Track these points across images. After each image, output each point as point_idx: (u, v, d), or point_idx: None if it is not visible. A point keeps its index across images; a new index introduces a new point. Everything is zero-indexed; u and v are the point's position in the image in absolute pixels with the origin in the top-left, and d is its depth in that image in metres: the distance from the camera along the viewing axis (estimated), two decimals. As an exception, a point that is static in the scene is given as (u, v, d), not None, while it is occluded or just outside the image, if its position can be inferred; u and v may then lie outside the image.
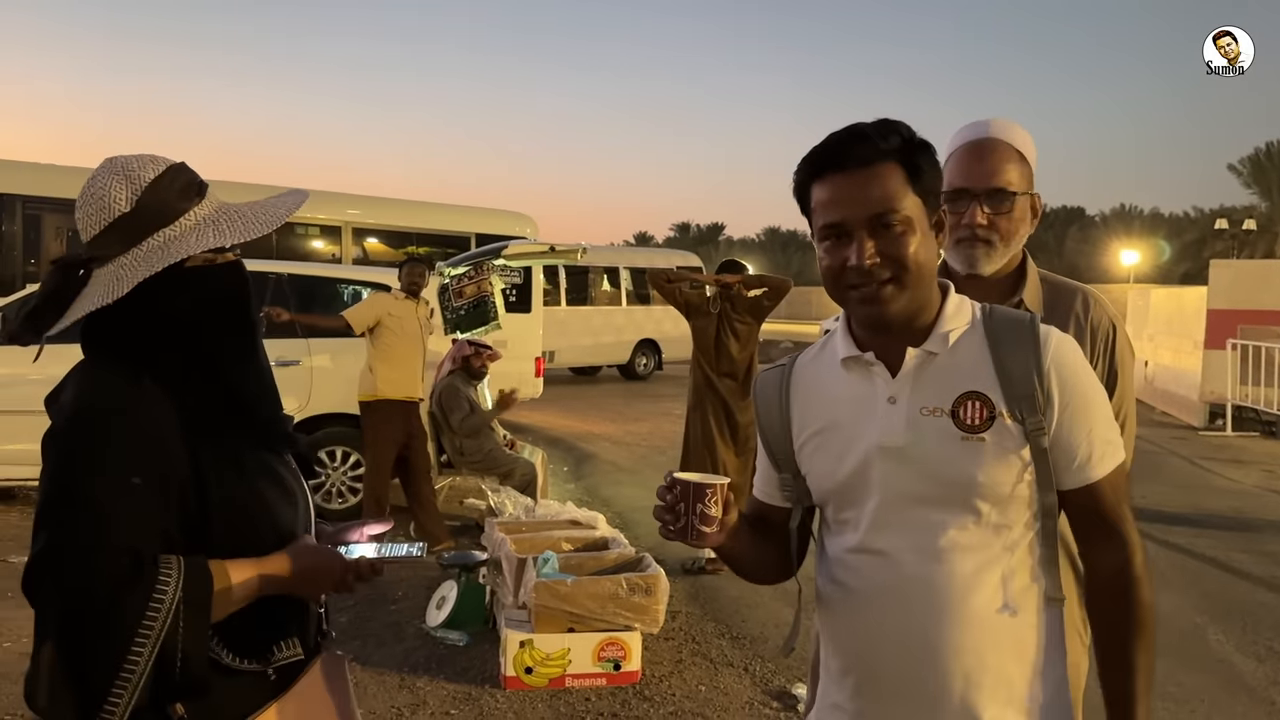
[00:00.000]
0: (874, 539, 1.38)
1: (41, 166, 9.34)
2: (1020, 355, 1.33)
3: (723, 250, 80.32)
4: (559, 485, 8.20)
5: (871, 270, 1.32)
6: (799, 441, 1.48)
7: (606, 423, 12.26)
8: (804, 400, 1.49)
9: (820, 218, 1.36)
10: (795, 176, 1.41)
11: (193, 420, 1.35)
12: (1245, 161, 51.14)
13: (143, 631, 1.21)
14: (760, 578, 1.60)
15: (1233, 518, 7.48)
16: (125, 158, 1.40)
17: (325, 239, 11.33)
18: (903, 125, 1.36)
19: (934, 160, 1.37)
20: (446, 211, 12.54)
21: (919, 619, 1.33)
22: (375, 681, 4.07)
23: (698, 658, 4.42)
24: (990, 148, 1.85)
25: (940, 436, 1.33)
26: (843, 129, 1.37)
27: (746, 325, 5.75)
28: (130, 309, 1.35)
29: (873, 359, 1.39)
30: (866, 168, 1.32)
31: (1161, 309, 14.94)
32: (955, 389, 1.34)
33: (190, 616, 1.25)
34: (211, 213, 1.42)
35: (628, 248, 30.13)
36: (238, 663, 1.38)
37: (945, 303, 1.41)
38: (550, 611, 4.01)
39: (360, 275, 7.86)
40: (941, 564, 1.32)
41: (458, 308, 7.17)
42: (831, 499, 1.45)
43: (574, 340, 16.97)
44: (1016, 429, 1.31)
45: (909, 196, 1.33)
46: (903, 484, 1.35)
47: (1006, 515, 1.33)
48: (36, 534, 1.25)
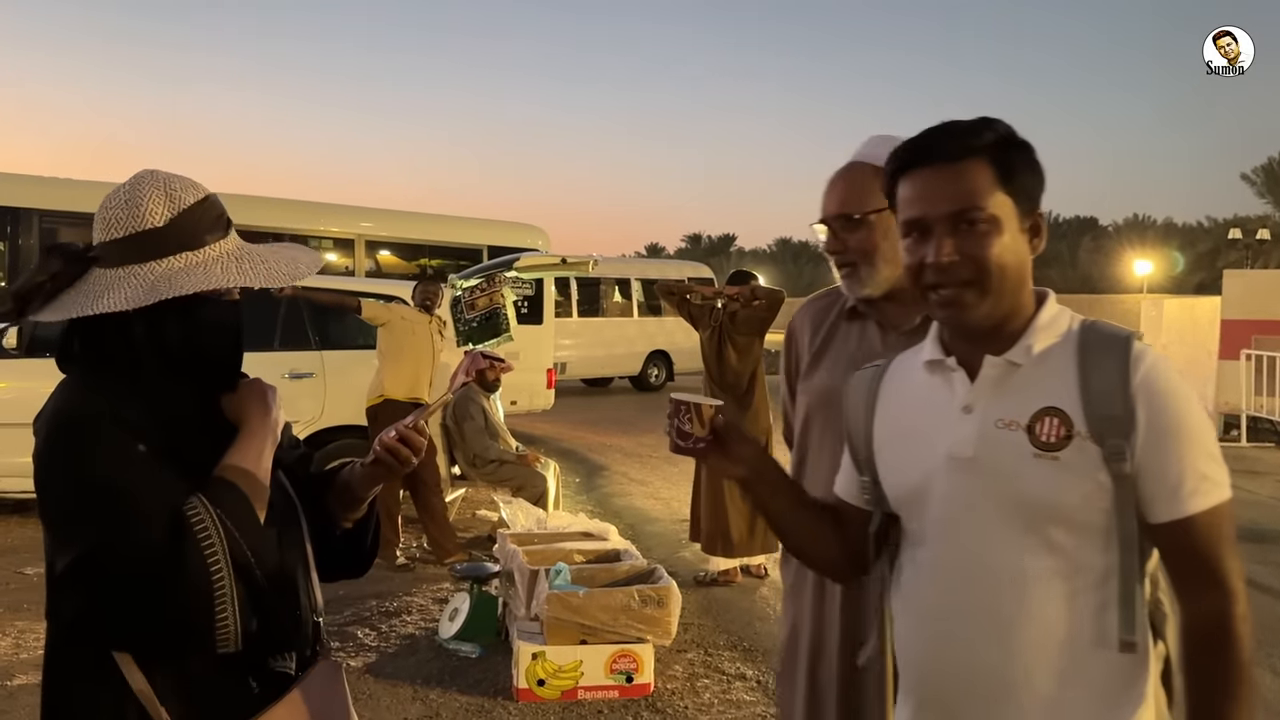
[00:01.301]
0: (939, 555, 1.33)
1: (59, 181, 9.42)
2: (1106, 373, 1.24)
3: (734, 261, 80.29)
4: (571, 497, 8.20)
5: (949, 269, 1.26)
6: (877, 444, 1.44)
7: (618, 434, 12.26)
8: (887, 403, 1.44)
9: (903, 213, 1.33)
10: (884, 169, 1.37)
11: (165, 438, 1.36)
12: (1259, 171, 50.94)
13: (210, 558, 1.27)
14: (812, 559, 1.56)
15: (1249, 529, 7.40)
16: (168, 174, 1.42)
17: (339, 252, 11.39)
18: (1000, 123, 1.30)
19: (1032, 160, 1.31)
20: (459, 224, 12.58)
21: (985, 649, 1.27)
22: (388, 693, 4.08)
23: (710, 670, 4.41)
24: (841, 174, 1.90)
25: (1013, 451, 1.26)
26: (938, 124, 1.33)
27: (746, 337, 5.72)
28: (123, 322, 1.36)
29: (954, 364, 1.34)
30: (953, 164, 1.27)
31: (1175, 319, 14.86)
32: (1034, 403, 1.26)
33: (237, 520, 1.31)
34: (235, 249, 1.44)
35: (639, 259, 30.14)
36: (230, 672, 1.37)
37: (1039, 312, 1.32)
38: (562, 623, 4.01)
39: (374, 288, 7.90)
40: (1010, 590, 1.26)
41: (470, 320, 7.21)
42: (902, 507, 1.40)
43: (586, 352, 16.99)
44: (1095, 451, 1.22)
45: (997, 195, 1.27)
46: (969, 498, 1.29)
47: (1080, 543, 1.25)
48: (63, 548, 1.27)
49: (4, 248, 9.02)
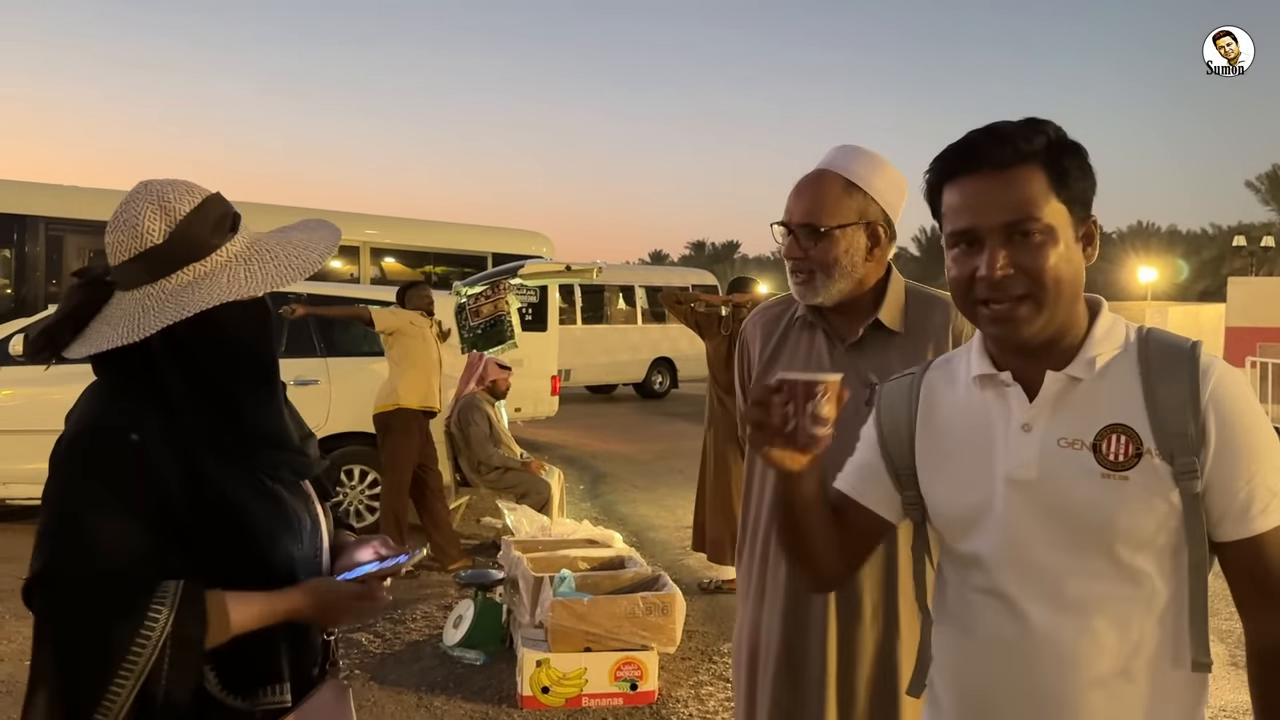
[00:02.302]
0: (998, 580, 1.25)
1: (65, 188, 9.47)
2: (1175, 387, 1.18)
3: (738, 268, 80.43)
4: (575, 504, 8.20)
5: (1003, 283, 1.19)
6: (920, 460, 1.35)
7: (622, 441, 12.26)
8: (929, 416, 1.36)
9: (950, 223, 1.24)
10: (926, 177, 1.29)
11: (197, 449, 1.34)
12: (1263, 178, 50.90)
13: (127, 664, 1.22)
14: (813, 567, 1.39)
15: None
16: (161, 184, 1.37)
17: (343, 258, 11.41)
18: (1050, 125, 1.22)
19: (1085, 164, 1.23)
20: (463, 231, 12.61)
21: (1047, 678, 1.21)
22: (393, 701, 4.08)
23: (715, 678, 4.40)
24: (811, 182, 1.93)
25: (1078, 472, 1.19)
26: (983, 127, 1.25)
27: None
28: (142, 346, 1.33)
29: (1009, 379, 1.26)
30: (1004, 171, 1.19)
31: (1179, 327, 14.83)
32: (1099, 420, 1.20)
33: (179, 652, 1.24)
34: (244, 249, 1.40)
35: (643, 266, 30.22)
36: (225, 697, 1.35)
37: (1095, 323, 1.26)
38: (567, 631, 4.01)
39: (378, 295, 7.92)
40: (1073, 617, 1.20)
41: (474, 326, 7.22)
42: (951, 528, 1.32)
43: (590, 359, 17.00)
44: (1165, 469, 1.17)
45: (1052, 203, 1.19)
46: (1031, 522, 1.22)
47: (1149, 566, 1.19)
48: (35, 556, 1.26)
49: (11, 255, 9.05)
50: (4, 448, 5.98)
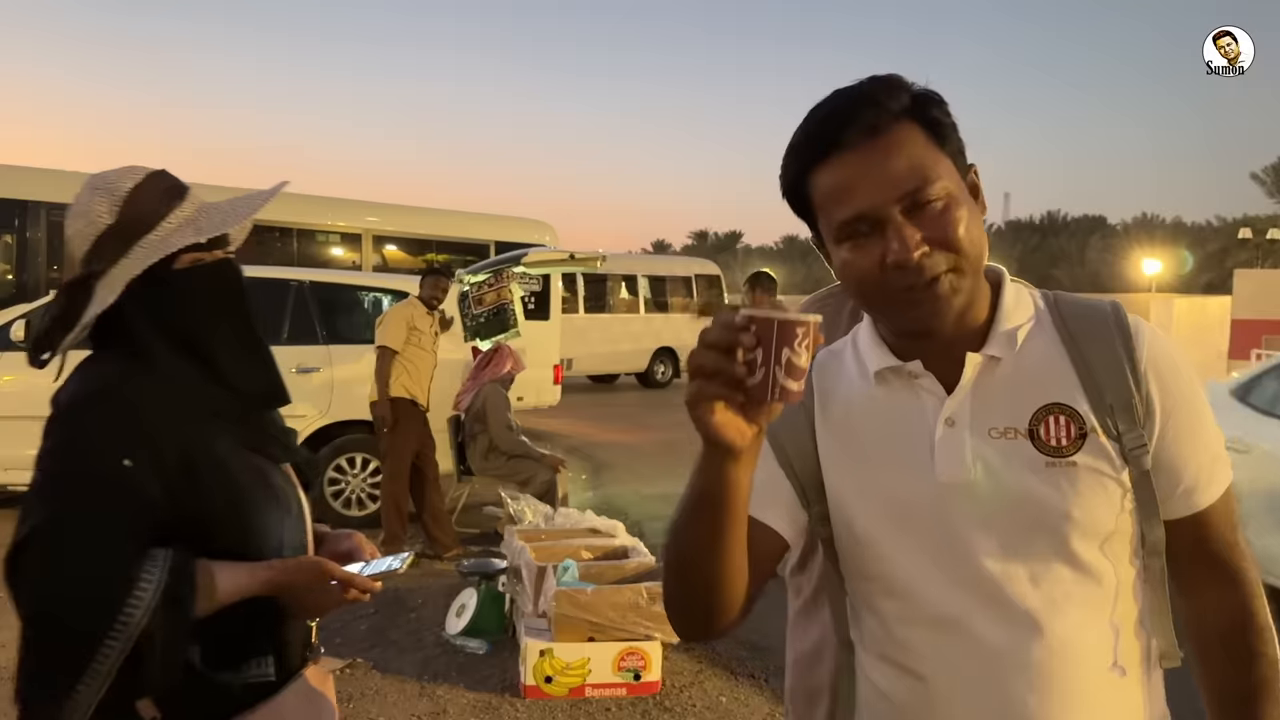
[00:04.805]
0: (940, 605, 1.07)
1: (66, 173, 9.43)
2: (1107, 355, 1.06)
3: (740, 258, 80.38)
4: (577, 493, 8.19)
5: (922, 264, 1.01)
6: (826, 471, 1.15)
7: (625, 431, 12.26)
8: (827, 420, 1.16)
9: (834, 213, 1.05)
10: (785, 173, 1.10)
11: (186, 414, 1.37)
12: (1269, 171, 50.74)
13: (117, 626, 1.21)
14: (719, 595, 1.07)
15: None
16: (105, 173, 1.44)
17: (345, 246, 11.39)
18: (901, 78, 1.06)
19: (948, 109, 1.07)
20: (466, 219, 12.59)
21: (1018, 701, 1.04)
22: (395, 689, 4.07)
23: (717, 668, 4.39)
24: None
25: (1018, 464, 1.04)
26: (832, 96, 1.06)
27: None
28: (124, 311, 1.39)
29: (919, 369, 1.10)
30: (879, 136, 1.02)
31: (1185, 319, 14.83)
32: (1032, 403, 1.06)
33: (169, 614, 1.25)
34: (192, 213, 1.46)
35: (646, 255, 30.19)
36: (209, 670, 1.37)
37: (1001, 293, 1.11)
38: (570, 620, 4.00)
39: (381, 283, 7.89)
40: (1034, 628, 1.03)
41: (478, 315, 7.21)
42: (874, 548, 1.12)
43: (592, 348, 16.98)
44: (1113, 447, 1.04)
45: (941, 161, 1.04)
46: (971, 528, 1.05)
47: (1107, 556, 1.05)
48: (22, 522, 1.25)
49: (12, 240, 9.03)
50: (4, 434, 5.97)
